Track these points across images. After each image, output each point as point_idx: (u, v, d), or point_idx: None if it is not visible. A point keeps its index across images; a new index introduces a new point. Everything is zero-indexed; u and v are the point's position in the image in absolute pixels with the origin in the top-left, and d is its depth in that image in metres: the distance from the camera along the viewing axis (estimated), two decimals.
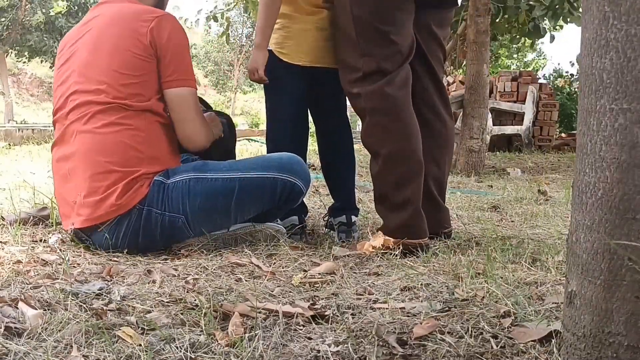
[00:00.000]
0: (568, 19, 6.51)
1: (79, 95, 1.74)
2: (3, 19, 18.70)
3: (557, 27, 6.94)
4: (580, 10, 0.88)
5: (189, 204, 1.74)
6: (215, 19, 7.82)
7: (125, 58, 1.72)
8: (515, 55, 18.78)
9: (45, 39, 19.40)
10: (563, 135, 9.16)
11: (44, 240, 1.81)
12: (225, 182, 1.78)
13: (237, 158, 2.13)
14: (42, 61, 20.70)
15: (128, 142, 1.70)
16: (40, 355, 0.94)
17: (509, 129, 8.10)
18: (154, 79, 1.76)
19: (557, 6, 6.25)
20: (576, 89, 10.73)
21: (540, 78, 9.42)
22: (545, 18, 6.60)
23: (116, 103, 1.70)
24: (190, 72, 1.82)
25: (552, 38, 7.15)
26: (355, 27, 1.82)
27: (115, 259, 1.67)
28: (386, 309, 1.22)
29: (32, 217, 2.00)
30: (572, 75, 11.90)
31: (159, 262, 1.64)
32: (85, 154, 1.71)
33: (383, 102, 1.81)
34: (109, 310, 1.17)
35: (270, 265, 1.62)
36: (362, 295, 1.34)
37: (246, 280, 1.45)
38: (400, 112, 1.82)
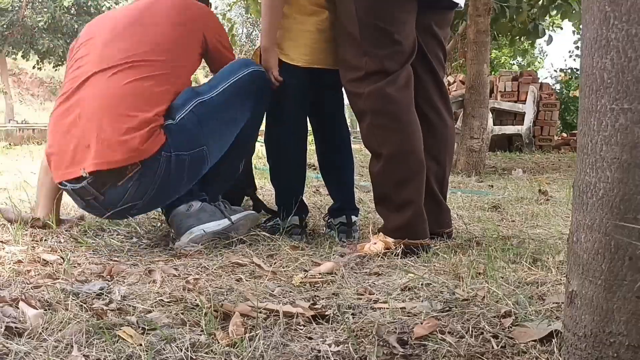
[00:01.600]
0: (567, 18, 6.47)
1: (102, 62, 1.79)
2: (2, 19, 18.70)
3: (555, 28, 6.88)
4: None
5: (203, 130, 1.80)
6: None
7: (175, 34, 1.86)
8: (519, 59, 18.70)
9: (49, 39, 19.34)
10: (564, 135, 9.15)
11: (45, 240, 1.81)
12: (221, 95, 1.87)
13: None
14: (49, 62, 20.60)
15: (148, 94, 1.73)
16: (40, 355, 0.94)
17: (510, 129, 8.10)
18: (192, 56, 1.91)
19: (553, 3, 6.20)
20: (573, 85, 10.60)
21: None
22: (544, 17, 6.57)
23: (145, 61, 1.77)
24: (232, 51, 2.07)
25: (550, 39, 7.10)
26: (358, 26, 1.82)
27: (116, 258, 1.67)
28: (387, 308, 1.22)
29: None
30: (572, 70, 11.43)
31: (160, 262, 1.64)
32: (104, 97, 1.71)
33: (384, 102, 1.81)
34: (109, 310, 1.17)
35: (270, 265, 1.62)
36: (363, 295, 1.34)
37: (247, 280, 1.45)
38: (402, 112, 1.82)
